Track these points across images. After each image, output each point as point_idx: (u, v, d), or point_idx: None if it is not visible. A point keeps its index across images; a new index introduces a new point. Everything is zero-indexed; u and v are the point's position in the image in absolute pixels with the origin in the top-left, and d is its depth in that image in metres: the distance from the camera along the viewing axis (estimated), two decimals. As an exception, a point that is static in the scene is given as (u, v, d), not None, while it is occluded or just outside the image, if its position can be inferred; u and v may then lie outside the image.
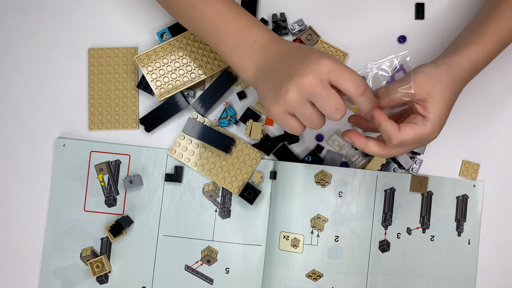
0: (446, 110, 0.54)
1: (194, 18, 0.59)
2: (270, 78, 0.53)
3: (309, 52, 0.51)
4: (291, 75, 0.50)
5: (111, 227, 0.66)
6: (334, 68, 0.48)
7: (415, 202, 0.67)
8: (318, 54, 0.50)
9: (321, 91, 0.48)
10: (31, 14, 0.69)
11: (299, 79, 0.49)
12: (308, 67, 0.49)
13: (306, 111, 0.50)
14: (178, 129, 0.68)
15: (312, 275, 0.64)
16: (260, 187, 0.67)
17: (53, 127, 0.69)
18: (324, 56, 0.50)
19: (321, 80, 0.48)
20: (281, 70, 0.52)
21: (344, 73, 0.48)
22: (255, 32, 0.56)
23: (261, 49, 0.55)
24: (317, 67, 0.49)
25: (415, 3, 0.69)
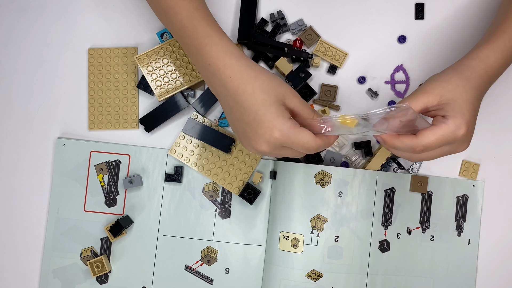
0: (467, 106, 0.52)
1: (167, 26, 0.59)
2: (231, 118, 0.55)
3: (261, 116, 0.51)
4: (248, 137, 0.53)
5: (111, 227, 0.66)
6: (285, 140, 0.51)
7: (415, 202, 0.67)
8: (268, 122, 0.51)
9: (279, 152, 0.53)
10: (31, 14, 0.69)
11: (255, 145, 0.52)
12: (261, 137, 0.52)
13: (277, 155, 0.55)
14: (178, 129, 0.68)
15: (312, 275, 0.64)
16: (260, 187, 0.67)
17: (53, 127, 0.69)
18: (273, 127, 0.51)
19: (274, 147, 0.52)
20: (239, 122, 0.53)
21: (293, 141, 0.51)
22: (209, 53, 0.54)
23: (215, 76, 0.54)
24: (268, 138, 0.51)
25: (415, 3, 0.69)
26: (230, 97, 0.53)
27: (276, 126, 0.51)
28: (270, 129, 0.51)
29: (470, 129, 0.53)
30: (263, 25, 0.68)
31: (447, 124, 0.51)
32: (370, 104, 0.69)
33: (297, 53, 0.67)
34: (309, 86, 0.67)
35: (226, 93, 0.54)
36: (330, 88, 0.68)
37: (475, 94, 0.54)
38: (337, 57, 0.68)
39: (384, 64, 0.69)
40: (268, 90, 0.53)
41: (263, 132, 0.51)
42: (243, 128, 0.53)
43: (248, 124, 0.52)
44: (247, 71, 0.53)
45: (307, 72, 0.67)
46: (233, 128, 0.56)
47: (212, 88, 0.56)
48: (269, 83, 0.53)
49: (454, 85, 0.53)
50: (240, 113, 0.53)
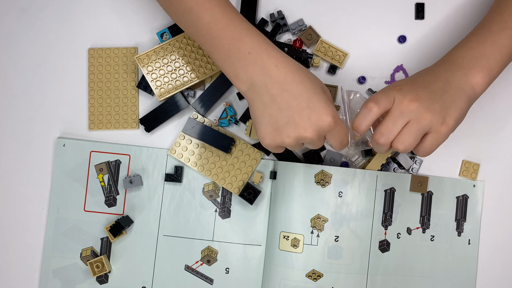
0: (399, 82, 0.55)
1: (190, 23, 0.58)
2: (268, 109, 0.54)
3: (314, 103, 0.53)
4: (295, 124, 0.53)
5: (111, 227, 0.66)
6: (332, 129, 0.53)
7: (415, 202, 0.67)
8: (322, 109, 0.53)
9: (316, 141, 0.54)
10: (31, 14, 0.69)
11: (302, 132, 0.53)
12: (312, 123, 0.53)
13: (296, 148, 0.56)
14: (178, 129, 0.68)
15: (312, 275, 0.64)
16: (260, 187, 0.67)
17: (53, 127, 0.69)
18: (327, 113, 0.53)
19: (319, 134, 0.54)
20: (283, 110, 0.53)
21: (338, 132, 0.54)
22: (249, 43, 0.55)
23: (256, 64, 0.54)
24: (319, 124, 0.53)
25: (415, 3, 0.69)
26: (276, 85, 0.53)
27: (329, 112, 0.53)
28: (324, 114, 0.53)
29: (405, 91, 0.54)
30: (263, 25, 0.68)
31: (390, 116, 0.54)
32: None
33: (297, 53, 0.67)
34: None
35: (269, 81, 0.54)
36: (330, 88, 0.68)
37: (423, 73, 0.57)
38: (337, 57, 0.68)
39: (384, 64, 0.69)
40: (314, 79, 0.55)
41: (317, 118, 0.53)
42: (290, 116, 0.53)
43: (298, 111, 0.53)
44: (291, 62, 0.55)
45: (307, 72, 0.67)
46: (267, 120, 0.54)
47: (248, 79, 0.55)
48: (311, 74, 0.56)
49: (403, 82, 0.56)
50: (287, 101, 0.53)
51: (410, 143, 0.53)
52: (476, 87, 0.56)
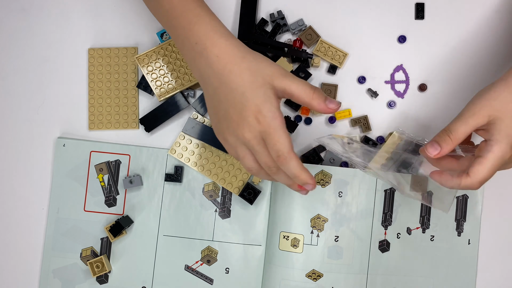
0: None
1: (154, 10, 0.57)
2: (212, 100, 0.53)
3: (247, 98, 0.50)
4: (230, 118, 0.51)
5: (111, 227, 0.66)
6: (265, 130, 0.50)
7: (415, 202, 0.67)
8: (255, 106, 0.50)
9: (254, 145, 0.51)
10: (31, 14, 0.69)
11: (235, 127, 0.51)
12: (245, 120, 0.50)
13: (240, 153, 0.53)
14: (178, 129, 0.68)
15: (312, 275, 0.64)
16: (260, 187, 0.67)
17: (53, 127, 0.69)
18: (259, 111, 0.50)
19: (255, 137, 0.50)
20: (222, 102, 0.52)
21: (272, 138, 0.50)
22: (197, 32, 0.53)
23: (202, 55, 0.53)
24: (253, 124, 0.50)
25: (415, 3, 0.69)
26: (216, 76, 0.52)
27: (261, 111, 0.50)
28: (255, 112, 0.50)
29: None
30: (263, 25, 0.68)
31: (493, 153, 0.49)
32: (370, 104, 0.69)
33: (297, 53, 0.67)
34: (309, 86, 0.67)
35: (211, 73, 0.52)
36: (330, 87, 0.68)
37: None
38: (337, 57, 0.68)
39: (384, 64, 0.69)
40: (256, 71, 0.51)
41: (247, 115, 0.50)
42: (226, 110, 0.51)
43: (233, 105, 0.51)
44: (235, 51, 0.52)
45: (307, 72, 0.67)
46: (212, 111, 0.54)
47: (197, 69, 0.54)
48: (257, 65, 0.52)
49: (503, 102, 0.50)
50: (225, 94, 0.51)
51: None
52: None
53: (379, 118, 0.69)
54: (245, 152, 0.52)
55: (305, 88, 0.51)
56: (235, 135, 0.51)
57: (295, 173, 0.51)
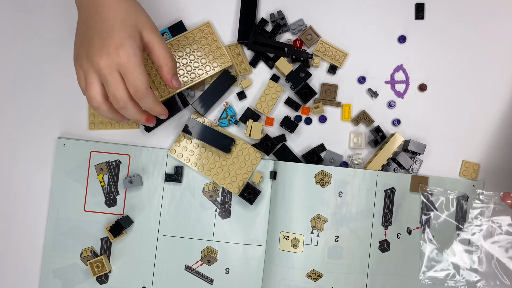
0: None
1: None
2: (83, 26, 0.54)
3: (115, 31, 0.52)
4: (92, 44, 0.52)
5: (111, 227, 0.66)
6: (125, 64, 0.52)
7: (415, 202, 0.67)
8: (119, 39, 0.52)
9: (107, 75, 0.52)
10: (31, 14, 0.69)
11: (94, 54, 0.52)
12: (105, 48, 0.52)
13: (88, 79, 0.53)
14: (178, 129, 0.68)
15: (312, 275, 0.64)
16: (260, 187, 0.67)
17: (53, 127, 0.69)
18: (121, 46, 0.52)
19: (110, 66, 0.52)
20: (91, 29, 0.53)
21: (132, 73, 0.52)
22: None
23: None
24: (112, 54, 0.52)
25: (415, 3, 0.69)
26: (94, 5, 0.54)
27: (124, 45, 0.52)
28: (117, 44, 0.52)
29: None
30: (263, 25, 0.68)
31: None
32: (370, 104, 0.69)
33: (297, 53, 0.67)
34: (309, 86, 0.67)
35: (91, 2, 0.54)
36: (330, 87, 0.68)
37: None
38: (337, 57, 0.68)
39: (384, 64, 0.69)
40: (131, 13, 0.54)
41: (109, 44, 0.52)
42: (91, 36, 0.53)
43: (99, 33, 0.53)
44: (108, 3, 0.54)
45: (307, 72, 0.67)
46: (78, 37, 0.55)
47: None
48: (135, 9, 0.55)
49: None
50: (95, 22, 0.53)
51: None
52: None
53: (380, 118, 0.69)
54: (93, 80, 0.54)
55: (166, 53, 0.56)
56: (91, 60, 0.52)
57: (152, 106, 0.56)
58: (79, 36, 0.55)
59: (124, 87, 0.53)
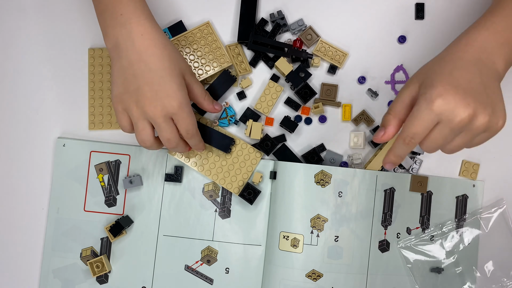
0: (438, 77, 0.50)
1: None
2: (125, 72, 0.56)
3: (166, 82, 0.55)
4: (143, 93, 0.55)
5: (111, 227, 0.66)
6: (177, 113, 0.56)
7: (415, 202, 0.67)
8: (171, 90, 0.55)
9: (161, 123, 0.56)
10: (31, 14, 0.69)
11: (147, 103, 0.55)
12: (157, 98, 0.55)
13: (140, 125, 0.56)
14: (178, 129, 0.68)
15: (312, 275, 0.64)
16: (260, 187, 0.67)
17: (53, 127, 0.69)
18: (174, 97, 0.55)
19: (162, 113, 0.55)
20: (137, 77, 0.55)
21: (184, 119, 0.56)
22: (126, 6, 0.56)
23: (125, 27, 0.56)
24: (164, 102, 0.55)
25: (415, 3, 0.69)
26: (136, 53, 0.55)
27: (178, 96, 0.55)
28: (171, 96, 0.55)
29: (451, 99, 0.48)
30: (263, 25, 0.68)
31: (417, 104, 0.49)
32: (370, 104, 0.69)
33: (297, 53, 0.67)
34: (309, 86, 0.67)
35: (131, 47, 0.55)
36: (330, 87, 0.68)
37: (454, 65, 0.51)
38: (337, 57, 0.68)
39: (384, 64, 0.69)
40: (174, 61, 0.57)
41: (163, 96, 0.55)
42: (140, 86, 0.55)
43: (150, 84, 0.55)
44: (159, 36, 0.57)
45: (307, 72, 0.67)
46: (120, 81, 0.56)
47: (114, 38, 0.56)
48: (176, 55, 0.58)
49: (429, 65, 0.53)
50: (142, 71, 0.55)
51: (460, 147, 0.51)
52: (502, 72, 0.54)
53: (380, 118, 0.69)
54: (145, 126, 0.56)
55: (202, 90, 0.62)
56: (144, 110, 0.55)
57: (198, 144, 0.61)
58: (121, 80, 0.56)
59: (176, 131, 0.58)
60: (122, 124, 0.58)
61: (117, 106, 0.57)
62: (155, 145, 0.59)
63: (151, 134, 0.57)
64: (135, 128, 0.57)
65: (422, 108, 0.48)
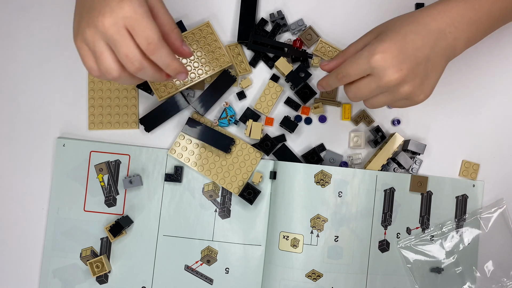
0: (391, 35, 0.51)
1: None
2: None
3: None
4: (93, 8, 0.47)
5: (111, 227, 0.66)
6: (131, 16, 0.46)
7: (414, 202, 0.67)
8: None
9: (115, 35, 0.47)
10: (31, 14, 0.69)
11: (95, 16, 0.47)
12: (107, 6, 0.46)
13: (97, 49, 0.48)
14: (178, 129, 0.68)
15: (312, 275, 0.64)
16: (260, 187, 0.67)
17: (53, 127, 0.69)
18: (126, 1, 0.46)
19: (116, 23, 0.46)
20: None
21: (140, 24, 0.46)
22: None
23: None
24: (116, 9, 0.46)
25: (415, 3, 0.69)
26: None
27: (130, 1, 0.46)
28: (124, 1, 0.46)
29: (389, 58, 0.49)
30: (263, 25, 0.68)
31: (361, 51, 0.51)
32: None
33: (297, 53, 0.67)
34: (309, 86, 0.67)
35: None
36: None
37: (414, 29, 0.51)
38: (337, 57, 0.68)
39: (384, 64, 0.69)
40: None
41: (113, 3, 0.46)
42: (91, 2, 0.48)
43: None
44: None
45: (307, 72, 0.67)
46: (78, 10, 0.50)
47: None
48: None
49: (395, 19, 0.54)
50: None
51: (381, 105, 0.54)
52: (459, 51, 0.54)
53: (379, 118, 0.69)
54: (103, 49, 0.48)
55: (171, 19, 0.51)
56: (94, 24, 0.47)
57: (168, 61, 0.49)
58: (78, 9, 0.50)
59: (135, 44, 0.47)
60: (86, 63, 0.49)
61: (77, 43, 0.49)
62: (124, 75, 0.49)
63: (114, 58, 0.48)
64: (95, 58, 0.48)
65: (362, 56, 0.50)
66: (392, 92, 0.51)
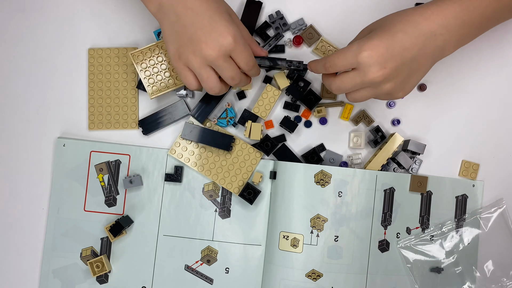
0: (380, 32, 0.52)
1: None
2: (175, 27, 0.56)
3: (216, 20, 0.55)
4: (197, 39, 0.55)
5: (111, 227, 0.66)
6: (234, 48, 0.55)
7: (414, 202, 0.67)
8: (223, 27, 0.55)
9: (221, 63, 0.56)
10: (31, 14, 0.69)
11: (204, 48, 0.55)
12: (213, 39, 0.54)
13: (204, 74, 0.57)
14: (178, 130, 0.68)
15: (311, 275, 0.64)
16: (260, 187, 0.67)
17: (53, 127, 0.69)
18: (228, 32, 0.54)
19: (221, 52, 0.55)
20: (187, 27, 0.55)
21: (241, 52, 0.56)
22: None
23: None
24: (220, 41, 0.54)
25: (415, 3, 0.69)
26: (181, 3, 0.55)
27: (230, 31, 0.55)
28: (224, 32, 0.54)
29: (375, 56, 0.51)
30: (265, 28, 0.68)
31: (351, 45, 0.53)
32: (370, 103, 0.69)
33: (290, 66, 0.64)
34: (312, 92, 0.67)
35: (175, 1, 0.56)
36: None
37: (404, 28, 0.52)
38: (337, 57, 0.68)
39: (384, 64, 0.69)
40: (219, 1, 0.57)
41: (217, 35, 0.54)
42: (193, 33, 0.55)
43: (201, 27, 0.55)
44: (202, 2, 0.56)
45: (306, 81, 0.67)
46: (173, 38, 0.57)
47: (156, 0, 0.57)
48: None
49: (389, 17, 0.54)
50: (191, 18, 0.55)
51: (363, 99, 0.55)
52: (447, 53, 0.55)
53: (379, 118, 0.69)
54: (209, 73, 0.57)
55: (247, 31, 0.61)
56: (202, 55, 0.55)
57: (256, 72, 0.60)
58: (174, 36, 0.56)
59: (237, 68, 0.57)
60: (187, 81, 0.58)
61: (177, 64, 0.57)
62: (224, 89, 0.59)
63: (217, 79, 0.57)
64: (200, 79, 0.57)
65: (351, 50, 0.52)
66: (375, 87, 0.53)
